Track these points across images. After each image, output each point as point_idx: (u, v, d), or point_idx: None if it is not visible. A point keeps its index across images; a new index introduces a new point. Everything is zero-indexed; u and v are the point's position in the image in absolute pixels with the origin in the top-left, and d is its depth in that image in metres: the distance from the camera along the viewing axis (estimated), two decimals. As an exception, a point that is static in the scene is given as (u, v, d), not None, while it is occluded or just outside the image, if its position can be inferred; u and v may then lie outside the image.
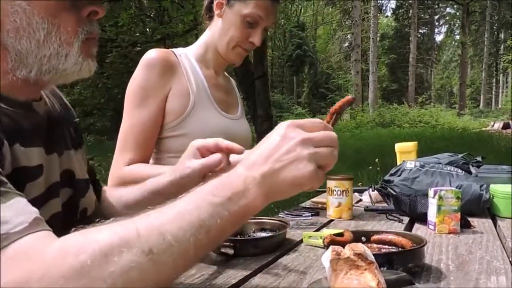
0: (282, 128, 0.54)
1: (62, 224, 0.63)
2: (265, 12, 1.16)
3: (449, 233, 1.05)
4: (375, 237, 0.87)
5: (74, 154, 0.72)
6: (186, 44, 1.35)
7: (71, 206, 0.68)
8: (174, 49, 1.25)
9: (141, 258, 0.43)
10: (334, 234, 0.84)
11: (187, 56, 1.24)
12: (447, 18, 34.04)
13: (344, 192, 1.23)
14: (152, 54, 1.16)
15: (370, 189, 1.50)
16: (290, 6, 22.75)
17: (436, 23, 34.58)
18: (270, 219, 1.06)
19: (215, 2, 1.21)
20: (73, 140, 0.73)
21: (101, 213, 0.78)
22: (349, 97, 0.62)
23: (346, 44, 31.27)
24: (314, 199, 1.58)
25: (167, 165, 1.13)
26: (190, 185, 0.67)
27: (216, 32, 1.22)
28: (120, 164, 1.12)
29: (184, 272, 0.53)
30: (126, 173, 1.11)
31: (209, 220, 0.48)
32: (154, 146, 1.18)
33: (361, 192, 1.65)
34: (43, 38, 0.56)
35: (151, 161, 1.21)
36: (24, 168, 0.57)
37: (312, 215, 1.29)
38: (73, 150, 0.72)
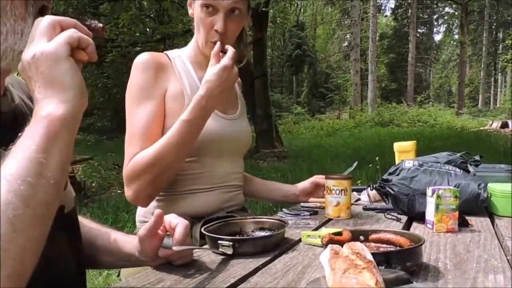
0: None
1: None
2: None
3: (447, 232, 1.05)
4: (373, 236, 0.87)
5: None
6: (186, 43, 1.35)
7: None
8: (168, 52, 1.25)
9: None
10: (333, 233, 0.84)
11: (181, 58, 1.24)
12: (446, 17, 34.07)
13: (343, 191, 1.23)
14: (145, 56, 1.17)
15: (369, 188, 1.50)
16: (289, 6, 22.73)
17: (435, 23, 34.64)
18: (269, 219, 1.07)
19: (187, 3, 1.21)
20: None
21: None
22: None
23: (345, 43, 31.28)
24: (313, 198, 1.58)
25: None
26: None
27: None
28: (126, 162, 1.12)
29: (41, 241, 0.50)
30: (132, 166, 1.10)
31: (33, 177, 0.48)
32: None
33: (359, 191, 1.65)
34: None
35: None
36: None
37: (310, 214, 1.29)
38: None
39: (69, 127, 0.53)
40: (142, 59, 1.16)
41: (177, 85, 1.18)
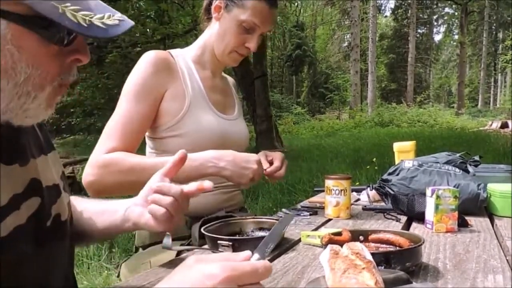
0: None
1: (30, 235, 0.60)
2: (262, 19, 1.17)
3: (447, 232, 1.05)
4: (373, 236, 0.87)
5: (44, 159, 0.69)
6: (186, 44, 1.36)
7: (42, 215, 0.64)
8: (171, 50, 1.25)
9: None
10: (332, 233, 0.84)
11: (184, 57, 1.25)
12: (446, 18, 34.07)
13: (342, 191, 1.23)
14: (151, 54, 1.17)
15: (368, 188, 1.50)
16: (289, 6, 22.73)
17: (435, 23, 34.63)
18: (269, 219, 1.07)
19: (213, 5, 1.21)
20: (42, 145, 0.70)
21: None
22: None
23: (345, 44, 31.30)
24: (312, 199, 1.58)
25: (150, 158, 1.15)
26: None
27: (213, 34, 1.22)
28: (101, 151, 1.09)
29: None
30: (106, 160, 1.07)
31: None
32: (139, 143, 1.15)
33: (359, 191, 1.65)
34: (22, 81, 0.55)
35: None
36: None
37: (310, 214, 1.29)
38: (42, 155, 0.69)
39: None
40: (148, 57, 1.16)
41: (179, 85, 1.18)
